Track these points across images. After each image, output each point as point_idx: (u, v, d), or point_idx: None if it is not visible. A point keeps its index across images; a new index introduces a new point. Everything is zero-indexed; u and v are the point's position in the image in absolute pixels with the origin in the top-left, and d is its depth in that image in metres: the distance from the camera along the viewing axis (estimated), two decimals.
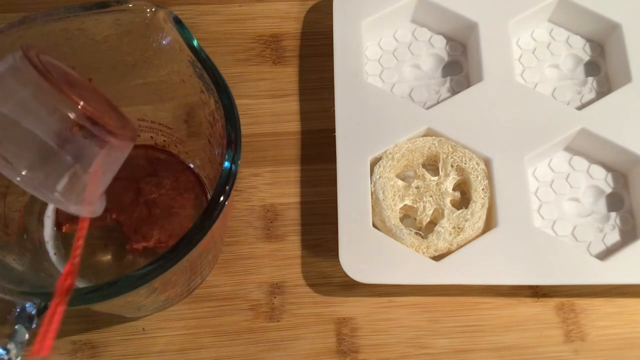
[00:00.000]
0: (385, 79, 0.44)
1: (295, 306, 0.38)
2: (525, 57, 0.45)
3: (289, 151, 0.42)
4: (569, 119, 0.41)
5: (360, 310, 0.38)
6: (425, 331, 0.38)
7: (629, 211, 0.41)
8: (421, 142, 0.40)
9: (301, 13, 0.47)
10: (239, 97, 0.43)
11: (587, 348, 0.38)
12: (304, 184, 0.41)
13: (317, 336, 0.38)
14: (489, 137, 0.40)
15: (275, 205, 0.41)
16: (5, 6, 0.46)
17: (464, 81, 0.44)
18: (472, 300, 0.39)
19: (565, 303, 0.39)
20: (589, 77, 0.44)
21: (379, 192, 0.38)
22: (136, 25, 0.30)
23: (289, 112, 0.43)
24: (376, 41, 0.45)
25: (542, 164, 0.42)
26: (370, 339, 0.38)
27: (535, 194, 0.41)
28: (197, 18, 0.46)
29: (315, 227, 0.40)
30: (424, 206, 0.39)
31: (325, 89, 0.43)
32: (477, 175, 0.39)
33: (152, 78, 0.33)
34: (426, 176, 0.40)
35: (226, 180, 0.27)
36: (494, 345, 0.38)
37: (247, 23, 0.46)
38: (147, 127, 0.37)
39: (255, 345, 0.37)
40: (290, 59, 0.45)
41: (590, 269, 0.37)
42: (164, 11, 0.29)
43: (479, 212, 0.38)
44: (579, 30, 0.45)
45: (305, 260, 0.39)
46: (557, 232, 0.40)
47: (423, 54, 0.45)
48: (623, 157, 0.41)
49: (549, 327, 0.38)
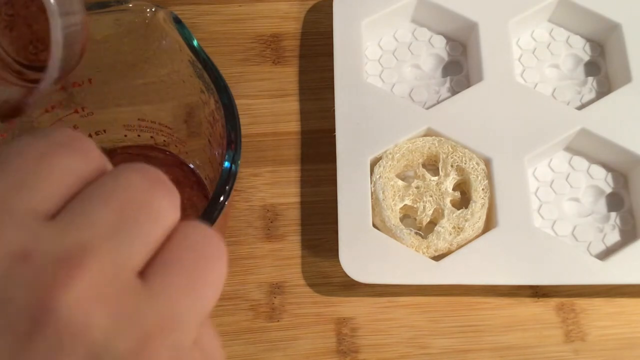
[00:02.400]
0: (385, 79, 0.44)
1: (295, 306, 0.38)
2: (525, 57, 0.45)
3: (289, 151, 0.42)
4: (569, 119, 0.41)
5: (360, 310, 0.38)
6: (425, 331, 0.38)
7: (629, 211, 0.41)
8: (421, 142, 0.40)
9: (301, 13, 0.47)
10: (239, 97, 0.42)
11: (587, 348, 0.38)
12: (304, 184, 0.41)
13: (317, 336, 0.38)
14: (489, 137, 0.40)
15: (275, 205, 0.41)
16: None
17: (464, 81, 0.44)
18: (472, 300, 0.39)
19: (565, 303, 0.39)
20: (589, 77, 0.44)
21: (379, 192, 0.38)
22: (136, 25, 0.30)
23: (289, 112, 0.43)
24: (376, 41, 0.45)
25: (542, 164, 0.42)
26: (370, 339, 0.38)
27: (535, 194, 0.41)
28: (197, 18, 0.46)
29: (315, 227, 0.40)
30: (424, 206, 0.39)
31: (325, 89, 0.43)
32: (477, 175, 0.39)
33: (152, 78, 0.33)
34: (426, 176, 0.40)
35: (226, 180, 0.27)
36: (494, 345, 0.38)
37: (247, 23, 0.46)
38: (147, 127, 0.37)
39: (255, 345, 0.37)
40: (290, 59, 0.45)
41: (590, 269, 0.37)
42: (164, 11, 0.29)
43: (479, 212, 0.38)
44: (579, 30, 0.45)
45: (305, 260, 0.39)
46: (557, 232, 0.40)
47: (423, 54, 0.45)
48: (623, 157, 0.41)
49: (549, 327, 0.38)
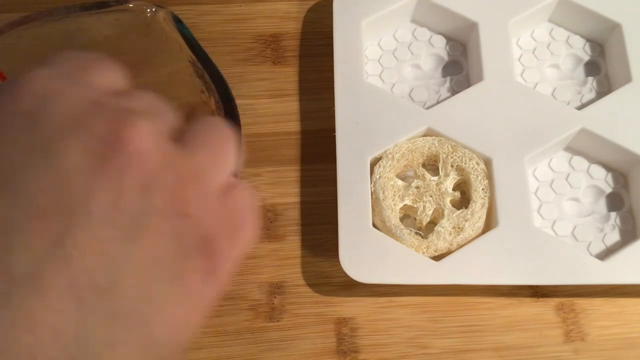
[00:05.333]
0: (385, 79, 0.44)
1: (295, 306, 0.38)
2: (525, 57, 0.45)
3: (289, 151, 0.42)
4: (569, 119, 0.41)
5: (360, 310, 0.38)
6: (425, 331, 0.38)
7: (629, 211, 0.41)
8: (421, 142, 0.40)
9: (301, 13, 0.47)
10: (239, 97, 0.42)
11: (587, 348, 0.38)
12: (304, 184, 0.41)
13: (317, 336, 0.38)
14: (489, 137, 0.40)
15: (275, 205, 0.41)
16: (5, 6, 0.46)
17: (464, 81, 0.44)
18: (472, 300, 0.39)
19: (565, 303, 0.39)
20: (589, 77, 0.44)
21: (379, 192, 0.38)
22: (136, 25, 0.30)
23: (289, 112, 0.43)
24: (376, 41, 0.45)
25: (542, 164, 0.42)
26: (370, 339, 0.38)
27: (535, 194, 0.41)
28: (197, 18, 0.46)
29: (315, 227, 0.40)
30: (424, 206, 0.39)
31: (325, 89, 0.43)
32: (477, 175, 0.39)
33: (152, 78, 0.33)
34: (426, 176, 0.40)
35: None
36: (494, 345, 0.38)
37: (247, 23, 0.46)
38: None
39: (255, 345, 0.37)
40: (290, 59, 0.45)
41: (590, 269, 0.37)
42: (164, 11, 0.29)
43: (479, 212, 0.38)
44: (579, 30, 0.45)
45: (305, 260, 0.39)
46: (557, 232, 0.40)
47: (423, 54, 0.45)
48: (623, 157, 0.41)
49: (549, 327, 0.38)
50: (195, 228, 0.18)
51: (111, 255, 0.16)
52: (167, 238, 0.17)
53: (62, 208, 0.16)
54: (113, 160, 0.17)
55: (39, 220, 0.16)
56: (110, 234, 0.16)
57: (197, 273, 0.18)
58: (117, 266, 0.16)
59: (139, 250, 0.17)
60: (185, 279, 0.18)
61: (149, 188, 0.17)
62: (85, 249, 0.16)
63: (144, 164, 0.17)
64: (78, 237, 0.16)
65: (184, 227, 0.18)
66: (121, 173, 0.17)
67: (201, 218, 0.18)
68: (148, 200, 0.17)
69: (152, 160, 0.17)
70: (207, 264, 0.18)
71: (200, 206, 0.18)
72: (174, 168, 0.18)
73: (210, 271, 0.18)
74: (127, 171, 0.17)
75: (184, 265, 0.18)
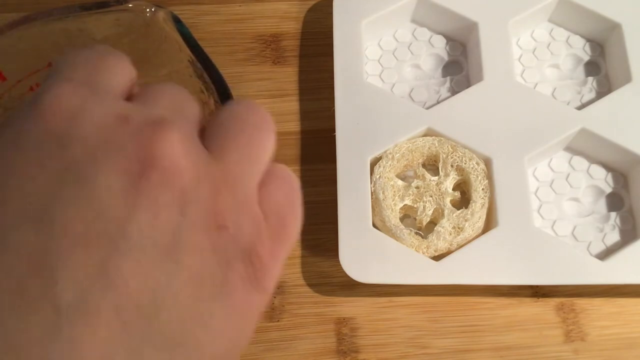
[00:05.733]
0: (385, 79, 0.44)
1: (295, 306, 0.38)
2: (525, 57, 0.45)
3: (289, 151, 0.42)
4: (569, 119, 0.41)
5: (360, 310, 0.38)
6: (425, 331, 0.38)
7: (629, 211, 0.41)
8: (421, 142, 0.40)
9: (301, 13, 0.47)
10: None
11: (587, 348, 0.38)
12: (304, 184, 0.41)
13: (317, 336, 0.38)
14: (489, 137, 0.40)
15: None
16: (5, 6, 0.46)
17: (464, 81, 0.44)
18: (472, 300, 0.39)
19: (565, 303, 0.39)
20: (589, 77, 0.44)
21: (379, 192, 0.38)
22: (136, 25, 0.30)
23: (289, 112, 0.43)
24: (376, 41, 0.45)
25: (542, 163, 0.42)
26: (370, 339, 0.38)
27: (535, 194, 0.41)
28: (197, 18, 0.46)
29: (315, 227, 0.40)
30: (424, 206, 0.39)
31: (325, 89, 0.43)
32: (477, 175, 0.39)
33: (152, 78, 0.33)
34: (426, 176, 0.40)
35: None
36: (494, 345, 0.38)
37: (247, 23, 0.46)
38: None
39: (255, 345, 0.37)
40: (290, 59, 0.45)
41: (590, 269, 0.37)
42: (164, 11, 0.29)
43: (479, 212, 0.38)
44: (579, 30, 0.45)
45: (305, 260, 0.39)
46: (557, 232, 0.40)
47: (423, 54, 0.45)
48: (623, 157, 0.41)
49: (549, 327, 0.38)
50: (234, 238, 0.18)
51: (154, 277, 0.16)
52: (207, 253, 0.17)
53: (100, 235, 0.16)
54: (146, 179, 0.17)
55: (79, 250, 0.16)
56: (150, 255, 0.16)
57: (241, 284, 0.18)
58: (160, 288, 0.16)
59: (180, 269, 0.17)
60: (230, 292, 0.18)
61: (184, 203, 0.17)
62: (127, 274, 0.16)
63: (178, 179, 0.17)
64: (119, 263, 0.16)
65: (222, 240, 0.17)
66: (155, 191, 0.17)
67: (239, 227, 0.18)
68: (184, 216, 0.17)
69: (185, 173, 0.17)
70: (250, 273, 0.18)
71: (237, 214, 0.18)
72: (207, 176, 0.18)
73: (253, 280, 0.18)
74: (161, 189, 0.17)
75: (226, 278, 0.17)
